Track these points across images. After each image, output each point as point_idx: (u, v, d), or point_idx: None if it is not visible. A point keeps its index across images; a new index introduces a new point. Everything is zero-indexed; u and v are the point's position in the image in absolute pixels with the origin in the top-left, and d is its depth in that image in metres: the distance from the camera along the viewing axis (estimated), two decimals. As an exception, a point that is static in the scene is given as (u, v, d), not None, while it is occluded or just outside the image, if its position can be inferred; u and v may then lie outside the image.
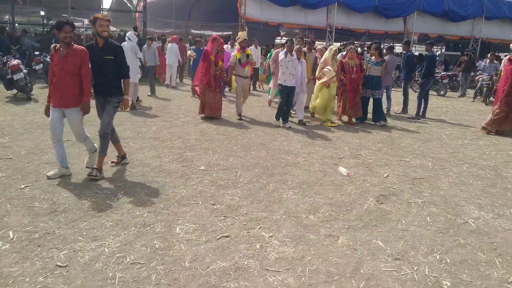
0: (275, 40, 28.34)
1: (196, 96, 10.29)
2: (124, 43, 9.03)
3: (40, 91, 11.48)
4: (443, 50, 28.20)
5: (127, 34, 9.75)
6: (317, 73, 9.17)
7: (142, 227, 3.71)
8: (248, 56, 9.13)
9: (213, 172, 5.36)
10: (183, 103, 10.81)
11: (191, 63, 12.69)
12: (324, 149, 6.81)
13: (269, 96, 10.98)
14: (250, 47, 14.39)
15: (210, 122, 8.57)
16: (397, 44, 29.41)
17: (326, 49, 9.67)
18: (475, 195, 4.97)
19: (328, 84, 8.80)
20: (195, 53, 12.57)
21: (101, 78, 5.00)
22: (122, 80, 5.14)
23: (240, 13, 18.91)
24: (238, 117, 9.06)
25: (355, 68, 8.99)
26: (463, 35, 23.52)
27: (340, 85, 9.20)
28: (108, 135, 5.03)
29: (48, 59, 13.00)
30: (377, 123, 9.18)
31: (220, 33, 19.94)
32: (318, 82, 9.11)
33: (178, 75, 15.23)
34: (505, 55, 10.21)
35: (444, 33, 22.96)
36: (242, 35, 9.23)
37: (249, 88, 10.26)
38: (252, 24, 19.46)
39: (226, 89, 12.32)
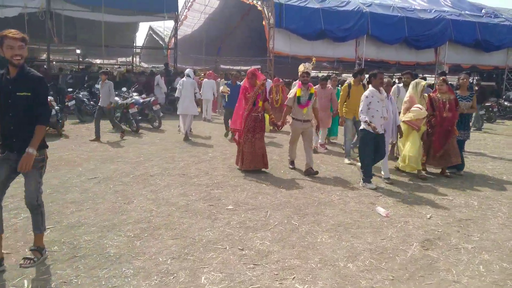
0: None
1: (233, 140, 8.23)
2: (183, 79, 10.59)
3: (71, 127, 11.61)
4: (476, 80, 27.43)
5: (186, 72, 10.99)
6: (401, 115, 7.22)
7: (165, 275, 3.42)
8: (311, 95, 7.09)
9: (241, 212, 5.06)
10: (213, 137, 10.68)
11: (226, 99, 11.26)
12: (359, 187, 6.42)
13: (319, 139, 9.39)
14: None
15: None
16: (428, 76, 28.92)
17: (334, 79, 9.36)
18: (533, 240, 4.46)
19: (418, 127, 6.98)
20: (228, 89, 11.10)
21: (11, 124, 3.46)
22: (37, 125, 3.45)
23: (269, 47, 18.99)
24: (290, 166, 7.55)
25: (447, 105, 7.07)
26: (497, 65, 22.81)
27: (428, 127, 7.31)
28: (39, 206, 3.59)
29: (81, 95, 13.32)
30: (456, 173, 7.42)
31: (248, 67, 20.04)
32: (404, 125, 7.10)
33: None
34: None
35: (477, 63, 22.34)
36: (303, 67, 7.12)
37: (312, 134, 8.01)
38: (280, 58, 19.52)
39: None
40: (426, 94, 7.38)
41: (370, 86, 6.44)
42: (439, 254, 4.01)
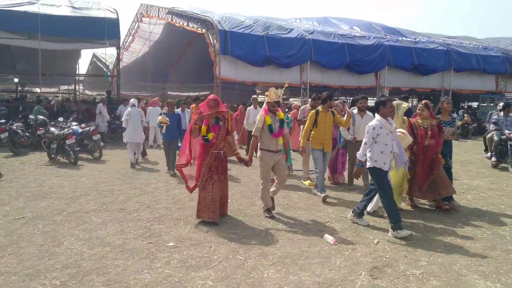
0: (252, 97, 28.53)
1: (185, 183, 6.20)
2: (129, 109, 10.50)
3: (3, 161, 10.76)
4: (415, 102, 28.71)
5: (131, 101, 10.92)
6: None
7: (92, 330, 3.03)
8: (282, 121, 6.15)
9: (183, 248, 4.72)
10: (157, 167, 10.25)
11: (163, 131, 9.51)
12: (307, 213, 6.28)
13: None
14: (249, 108, 12.75)
15: (182, 188, 8.01)
16: (370, 98, 29.91)
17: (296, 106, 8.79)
18: (476, 261, 4.45)
19: None
20: (167, 119, 9.32)
21: None
22: None
23: (215, 73, 18.93)
24: (267, 215, 6.05)
25: (429, 132, 6.33)
26: (433, 88, 24.08)
27: (411, 155, 6.52)
28: None
29: (14, 127, 12.47)
30: (447, 204, 6.61)
31: (196, 94, 19.83)
32: None
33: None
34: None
35: (415, 86, 23.45)
36: (274, 94, 5.96)
37: (286, 167, 7.95)
38: (227, 84, 19.49)
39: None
40: (406, 118, 6.77)
41: (377, 115, 5.54)
42: (388, 283, 3.88)
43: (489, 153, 11.22)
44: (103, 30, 16.81)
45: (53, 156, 10.76)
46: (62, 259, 4.38)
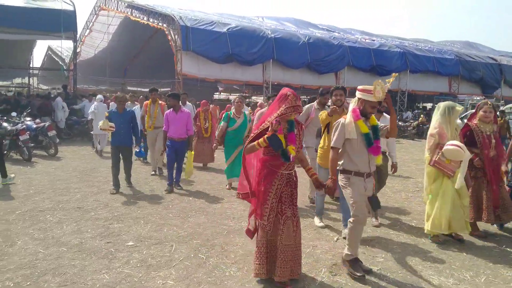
0: (213, 95, 28.43)
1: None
2: (95, 103, 10.82)
3: None
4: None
5: (98, 96, 11.49)
6: (427, 153, 5.06)
7: (47, 333, 2.92)
8: (376, 130, 4.19)
9: (143, 248, 4.64)
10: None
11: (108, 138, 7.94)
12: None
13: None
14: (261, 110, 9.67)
15: (145, 185, 7.87)
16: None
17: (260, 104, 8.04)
18: (431, 258, 4.63)
19: (452, 173, 4.86)
20: (112, 124, 7.10)
21: None
22: None
23: (177, 69, 18.69)
24: (357, 273, 4.03)
25: (493, 139, 5.20)
26: (391, 88, 24.79)
27: (471, 170, 5.22)
28: None
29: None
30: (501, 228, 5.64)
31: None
32: (429, 170, 5.03)
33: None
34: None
35: (373, 87, 24.12)
36: (380, 89, 4.00)
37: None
38: (189, 81, 19.29)
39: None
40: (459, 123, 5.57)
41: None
42: (347, 279, 3.97)
43: None
44: (59, 22, 16.16)
45: (5, 152, 10.26)
46: (15, 259, 4.20)
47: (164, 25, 19.56)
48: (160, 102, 8.93)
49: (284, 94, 3.69)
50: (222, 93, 31.43)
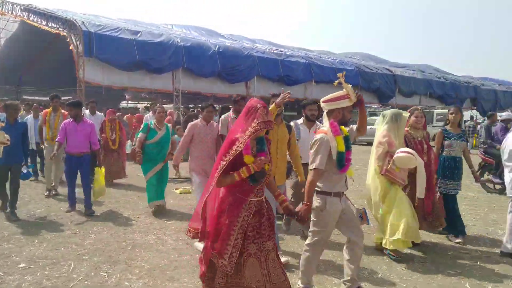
0: (120, 104, 27.29)
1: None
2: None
3: None
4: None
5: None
6: (375, 163, 4.81)
7: None
8: (348, 144, 3.74)
9: (37, 269, 4.23)
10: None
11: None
12: (178, 221, 6.14)
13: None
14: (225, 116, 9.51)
15: (41, 202, 7.23)
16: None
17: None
18: (336, 254, 4.81)
19: (403, 181, 4.72)
20: (7, 137, 5.63)
21: None
22: None
23: (79, 76, 17.64)
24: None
25: (425, 145, 5.16)
26: (297, 97, 25.86)
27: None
28: None
29: None
30: (451, 239, 5.48)
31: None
32: (380, 181, 4.75)
33: None
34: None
35: (283, 96, 24.91)
36: (351, 90, 3.65)
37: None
38: (92, 89, 18.30)
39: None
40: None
41: None
42: (256, 286, 3.96)
43: None
44: None
45: None
46: None
47: (65, 30, 18.39)
48: (62, 111, 7.90)
49: (253, 107, 3.10)
50: (129, 102, 30.33)
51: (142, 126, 6.96)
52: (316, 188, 3.54)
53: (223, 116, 6.18)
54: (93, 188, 6.71)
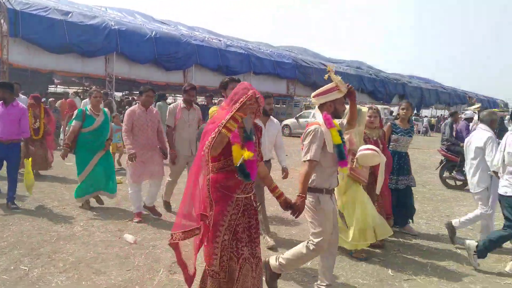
0: (49, 89, 25.79)
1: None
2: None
3: None
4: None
5: None
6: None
7: None
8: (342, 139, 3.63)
9: None
10: None
11: None
12: (107, 212, 5.95)
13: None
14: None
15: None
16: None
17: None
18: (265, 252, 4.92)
19: (365, 179, 4.61)
20: None
21: None
22: None
23: (2, 58, 16.40)
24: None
25: (380, 144, 5.05)
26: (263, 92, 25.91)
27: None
28: None
29: None
30: (404, 230, 5.57)
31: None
32: (344, 181, 4.48)
33: None
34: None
35: (220, 86, 24.83)
36: (340, 81, 3.53)
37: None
38: (17, 71, 17.13)
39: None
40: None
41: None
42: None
43: None
44: None
45: None
46: None
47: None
48: None
49: (244, 88, 2.82)
50: (59, 86, 28.72)
51: (75, 113, 6.11)
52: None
53: (171, 105, 5.93)
54: (25, 182, 6.12)
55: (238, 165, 2.73)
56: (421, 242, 5.28)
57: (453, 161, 9.03)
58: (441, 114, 44.53)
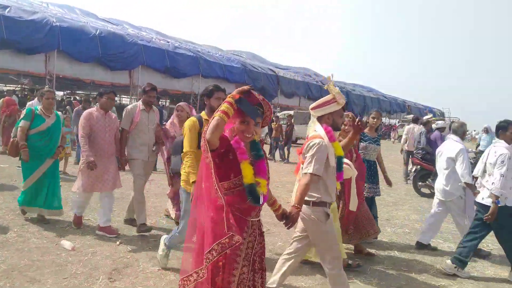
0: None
1: None
2: None
3: None
4: (167, 103, 29.86)
5: None
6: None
7: None
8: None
9: None
10: None
11: None
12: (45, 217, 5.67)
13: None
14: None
15: None
16: (124, 97, 29.67)
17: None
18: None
19: (337, 193, 4.15)
20: None
21: None
22: None
23: None
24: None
25: (354, 153, 4.97)
26: (184, 91, 25.59)
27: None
28: None
29: None
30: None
31: None
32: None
33: None
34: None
35: (167, 88, 24.40)
36: (338, 92, 3.57)
37: None
38: None
39: None
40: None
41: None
42: (127, 284, 3.87)
43: None
44: None
45: None
46: None
47: None
48: None
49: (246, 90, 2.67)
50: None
51: (24, 112, 5.55)
52: (309, 199, 3.29)
53: (129, 107, 5.44)
54: None
55: (247, 186, 2.45)
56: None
57: (427, 169, 9.20)
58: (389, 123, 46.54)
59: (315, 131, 3.43)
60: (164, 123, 7.45)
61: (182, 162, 3.92)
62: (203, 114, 4.03)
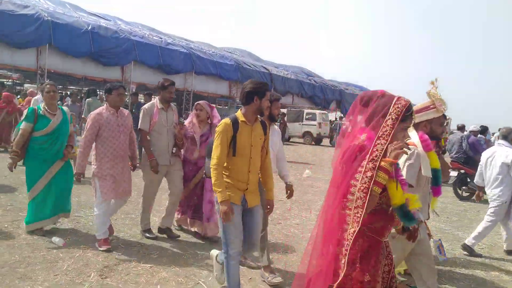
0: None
1: None
2: None
3: None
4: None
5: None
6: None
7: None
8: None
9: None
10: None
11: None
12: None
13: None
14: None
15: None
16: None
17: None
18: (202, 255, 4.92)
19: None
20: None
21: None
22: None
23: None
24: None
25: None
26: (177, 87, 25.50)
27: None
28: None
29: None
30: None
31: None
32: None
33: None
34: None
35: (160, 84, 24.31)
36: (440, 98, 3.30)
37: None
38: None
39: None
40: None
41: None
42: (118, 280, 3.86)
43: None
44: None
45: None
46: None
47: None
48: None
49: (377, 95, 2.31)
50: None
51: (25, 112, 4.88)
52: None
53: (146, 105, 4.99)
54: None
55: (398, 208, 2.14)
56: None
57: (468, 173, 9.37)
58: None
59: (409, 137, 3.10)
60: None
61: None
62: (239, 114, 3.35)
